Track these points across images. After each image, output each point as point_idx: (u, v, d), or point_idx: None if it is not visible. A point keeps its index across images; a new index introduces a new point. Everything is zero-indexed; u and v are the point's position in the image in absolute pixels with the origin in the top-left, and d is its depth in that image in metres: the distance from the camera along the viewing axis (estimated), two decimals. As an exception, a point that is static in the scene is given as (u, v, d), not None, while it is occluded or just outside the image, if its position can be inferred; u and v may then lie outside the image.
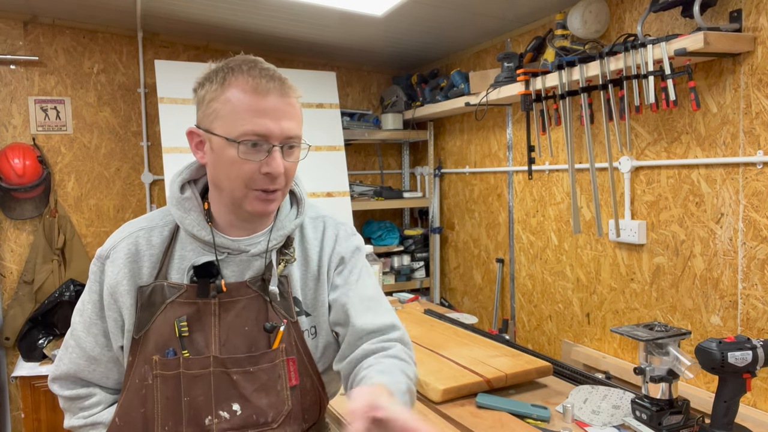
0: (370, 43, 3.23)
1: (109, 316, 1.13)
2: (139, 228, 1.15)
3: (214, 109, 1.06)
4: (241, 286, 1.12)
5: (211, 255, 1.12)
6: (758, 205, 1.75)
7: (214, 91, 1.06)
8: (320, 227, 1.25)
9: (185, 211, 1.13)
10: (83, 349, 1.15)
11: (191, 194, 1.15)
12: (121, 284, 1.11)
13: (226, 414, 1.08)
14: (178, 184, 1.15)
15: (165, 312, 1.09)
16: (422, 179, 3.69)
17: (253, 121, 1.03)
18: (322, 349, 1.19)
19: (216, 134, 1.05)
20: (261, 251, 1.13)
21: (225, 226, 1.14)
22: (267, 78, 1.04)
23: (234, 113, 1.03)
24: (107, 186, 3.18)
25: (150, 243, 1.13)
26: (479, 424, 1.56)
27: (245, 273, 1.13)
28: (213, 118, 1.06)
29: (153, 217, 1.18)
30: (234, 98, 1.04)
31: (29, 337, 2.82)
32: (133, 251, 1.12)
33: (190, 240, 1.13)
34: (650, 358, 1.51)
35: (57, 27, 3.04)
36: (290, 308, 1.15)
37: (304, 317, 1.18)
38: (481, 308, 3.22)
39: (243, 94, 1.03)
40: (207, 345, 1.09)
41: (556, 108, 2.30)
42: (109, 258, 1.13)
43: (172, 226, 1.15)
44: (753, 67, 1.75)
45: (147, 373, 1.08)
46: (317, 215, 1.26)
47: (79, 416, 1.17)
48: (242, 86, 1.04)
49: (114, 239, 1.15)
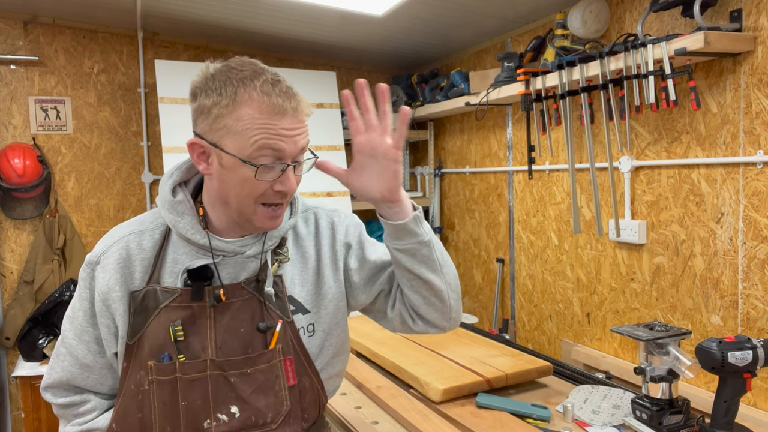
0: (370, 43, 3.22)
1: (102, 323, 1.11)
2: (129, 232, 1.13)
3: (224, 124, 1.01)
4: (236, 288, 1.11)
5: (204, 258, 1.11)
6: (758, 205, 1.75)
7: (225, 107, 1.01)
8: (312, 220, 1.24)
9: (178, 214, 1.11)
10: (75, 356, 1.13)
11: (183, 197, 1.13)
12: (113, 291, 1.09)
13: (225, 417, 1.07)
14: (169, 187, 1.13)
15: (159, 317, 1.08)
16: (422, 179, 3.69)
17: (269, 143, 1.01)
18: (319, 347, 1.19)
19: (227, 152, 1.02)
20: (256, 253, 1.12)
21: (221, 230, 1.13)
22: (283, 97, 1.01)
23: (248, 132, 1.00)
24: (107, 186, 3.18)
25: (141, 247, 1.12)
26: (479, 424, 1.56)
27: (240, 274, 1.12)
28: (223, 134, 1.02)
29: (143, 220, 1.16)
30: (248, 117, 1.00)
31: (29, 337, 2.82)
32: (124, 256, 1.11)
33: (182, 243, 1.12)
34: (650, 358, 1.51)
35: (57, 27, 3.04)
36: (285, 308, 1.14)
37: (301, 315, 1.17)
38: (481, 308, 3.22)
39: (259, 114, 1.00)
40: (203, 348, 1.08)
41: (556, 108, 2.30)
42: (99, 264, 1.11)
43: (163, 228, 1.14)
44: (753, 67, 1.75)
45: (143, 379, 1.07)
46: (306, 208, 1.26)
47: (74, 423, 1.15)
48: (257, 105, 1.00)
49: (104, 244, 1.13)
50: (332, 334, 1.21)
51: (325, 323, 1.20)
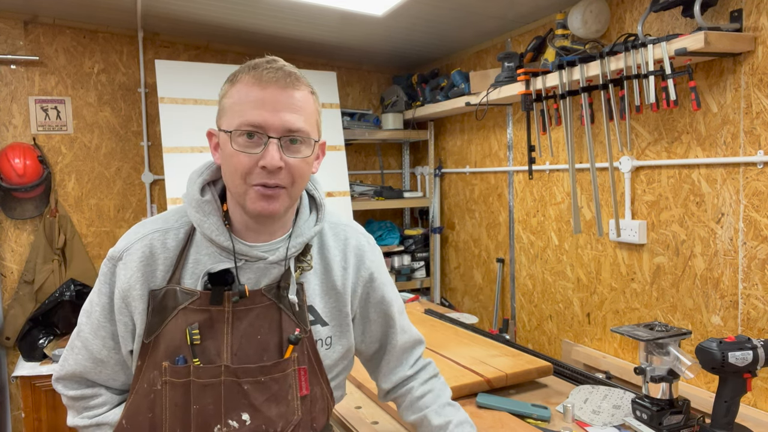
0: (371, 43, 3.23)
1: (120, 320, 1.10)
2: (153, 230, 1.11)
3: (222, 105, 1.07)
4: (256, 294, 1.09)
5: (226, 261, 1.08)
6: (759, 205, 1.75)
7: (225, 91, 1.07)
8: (342, 236, 1.22)
9: (204, 214, 1.09)
10: (90, 351, 1.12)
11: (211, 197, 1.11)
12: (134, 288, 1.07)
13: (236, 423, 1.06)
14: (198, 185, 1.11)
15: (176, 318, 1.06)
16: (422, 179, 3.69)
17: (249, 112, 1.01)
18: (335, 359, 1.18)
19: (221, 129, 1.06)
20: (279, 259, 1.10)
21: (242, 230, 1.11)
22: (272, 71, 1.03)
23: (235, 106, 1.04)
24: (108, 186, 3.18)
25: (165, 246, 1.10)
26: (479, 424, 1.56)
27: (261, 281, 1.10)
28: (221, 115, 1.08)
29: (168, 218, 1.13)
30: (237, 92, 1.04)
31: (30, 337, 2.82)
32: (147, 254, 1.09)
33: (206, 244, 1.10)
34: (651, 358, 1.51)
35: (57, 27, 3.04)
36: (304, 317, 1.12)
37: (320, 326, 1.16)
38: (481, 308, 3.22)
39: (246, 87, 1.03)
40: (218, 353, 1.07)
41: (556, 108, 2.30)
42: (121, 260, 1.09)
43: (187, 228, 1.12)
44: (753, 67, 1.75)
45: (156, 379, 1.06)
46: (338, 222, 1.24)
47: (83, 416, 1.15)
48: (247, 80, 1.04)
49: (127, 240, 1.11)
50: (348, 348, 1.21)
51: (345, 338, 1.19)
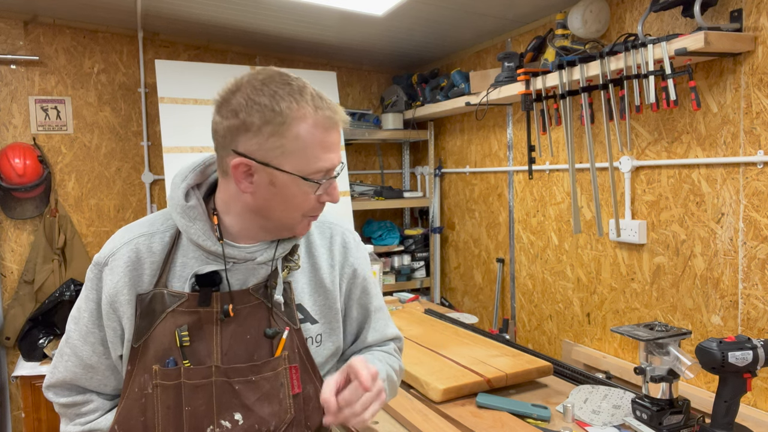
0: (371, 43, 3.23)
1: (108, 325, 1.10)
2: (139, 234, 1.11)
3: (280, 144, 1.00)
4: (244, 294, 1.09)
5: (214, 263, 1.09)
6: (759, 205, 1.75)
7: (279, 125, 0.99)
8: (327, 234, 1.23)
9: (190, 219, 1.08)
10: (80, 357, 1.12)
11: (196, 202, 1.10)
12: (121, 293, 1.07)
13: (228, 423, 1.06)
14: (183, 190, 1.10)
15: (165, 321, 1.06)
16: (422, 179, 3.69)
17: (324, 158, 1.03)
18: (326, 356, 1.18)
19: (285, 171, 1.01)
20: (268, 259, 1.10)
21: (235, 235, 1.10)
22: (331, 110, 1.03)
23: (306, 151, 1.01)
24: (108, 186, 3.18)
25: (151, 250, 1.09)
26: (479, 424, 1.56)
27: (249, 280, 1.10)
28: (278, 154, 1.00)
29: (153, 222, 1.13)
30: (304, 135, 1.00)
31: (30, 337, 2.82)
32: (133, 259, 1.08)
33: (192, 247, 1.10)
34: (651, 358, 1.51)
35: (57, 27, 3.04)
36: (293, 315, 1.13)
37: (310, 324, 1.16)
38: (481, 308, 3.22)
39: (314, 130, 1.01)
40: (209, 354, 1.07)
41: (556, 108, 2.30)
42: (107, 265, 1.09)
43: (173, 231, 1.12)
44: (753, 67, 1.75)
45: (147, 383, 1.06)
46: (323, 220, 1.25)
47: (76, 423, 1.14)
48: (313, 121, 1.01)
49: (112, 245, 1.11)
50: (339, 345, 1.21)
51: (335, 335, 1.20)
